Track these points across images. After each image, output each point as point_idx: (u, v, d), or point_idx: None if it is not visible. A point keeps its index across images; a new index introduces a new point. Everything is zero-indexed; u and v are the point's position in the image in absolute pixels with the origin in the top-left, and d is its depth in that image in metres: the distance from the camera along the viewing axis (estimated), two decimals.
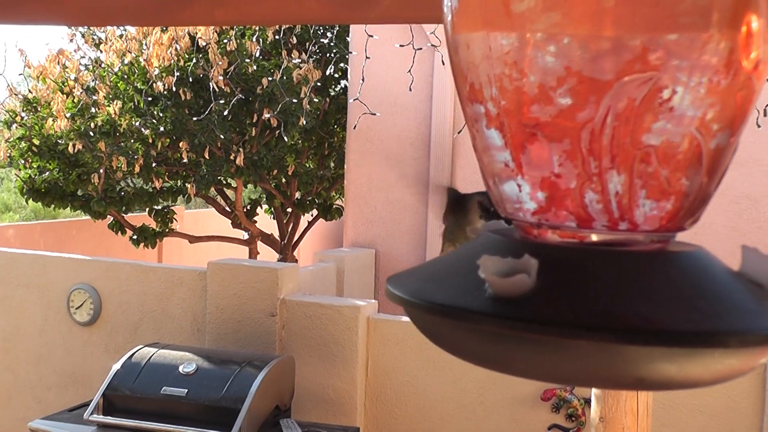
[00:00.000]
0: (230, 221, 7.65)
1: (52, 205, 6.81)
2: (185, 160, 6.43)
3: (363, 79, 4.96)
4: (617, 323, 0.55)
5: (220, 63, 5.81)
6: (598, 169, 0.59)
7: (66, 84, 6.43)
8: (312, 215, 8.32)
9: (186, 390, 3.57)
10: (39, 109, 6.58)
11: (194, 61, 5.99)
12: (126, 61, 6.40)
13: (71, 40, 7.34)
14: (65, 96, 6.32)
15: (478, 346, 0.60)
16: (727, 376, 0.58)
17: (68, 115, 6.15)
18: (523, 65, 0.59)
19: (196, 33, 5.95)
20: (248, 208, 7.91)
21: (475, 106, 0.64)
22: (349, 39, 6.75)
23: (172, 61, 5.97)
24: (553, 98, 0.59)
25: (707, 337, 0.55)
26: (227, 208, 7.78)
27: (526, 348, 0.56)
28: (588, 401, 3.66)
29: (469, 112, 0.66)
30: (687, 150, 0.60)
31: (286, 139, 6.12)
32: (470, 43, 0.63)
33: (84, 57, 7.26)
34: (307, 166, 7.78)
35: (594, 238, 0.63)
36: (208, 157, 6.17)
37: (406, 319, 4.29)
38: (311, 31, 6.94)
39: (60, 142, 6.26)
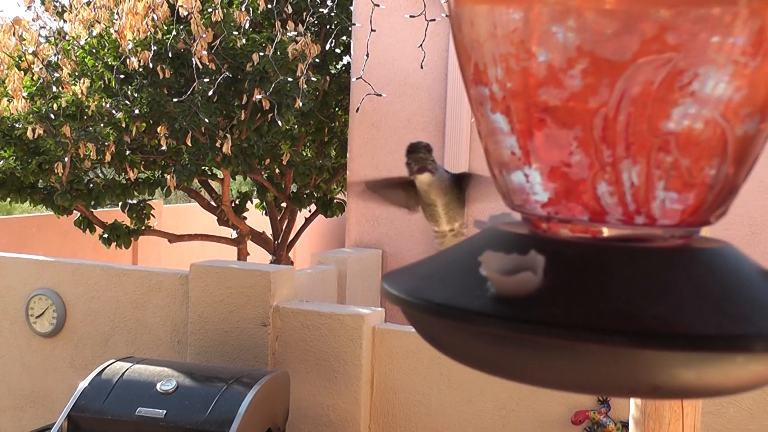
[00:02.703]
0: (216, 217, 7.70)
1: (8, 199, 6.85)
2: (164, 148, 6.47)
3: (368, 55, 4.99)
4: (633, 326, 0.57)
5: (204, 36, 5.84)
6: (612, 158, 0.63)
7: (23, 59, 6.45)
8: (310, 211, 8.35)
9: (164, 411, 3.60)
10: None
11: (174, 33, 6.02)
12: (94, 33, 6.43)
13: (29, 8, 7.36)
14: (22, 73, 6.35)
15: (480, 349, 0.63)
16: (752, 385, 0.62)
17: (26, 94, 6.18)
18: (530, 44, 0.63)
19: (176, 1, 5.99)
20: (237, 202, 7.96)
21: (480, 89, 0.68)
22: (352, 9, 6.78)
23: (149, 34, 6.01)
24: (564, 80, 0.62)
25: (732, 341, 0.58)
26: (212, 203, 7.82)
27: (531, 352, 0.60)
28: (626, 425, 3.68)
29: (473, 95, 0.70)
30: (710, 138, 0.63)
31: (280, 123, 6.15)
32: (474, 19, 0.66)
33: (44, 27, 7.30)
34: (304, 154, 7.81)
35: (608, 232, 0.66)
36: (190, 144, 6.21)
37: None
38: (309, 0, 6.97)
39: (17, 126, 6.30)
